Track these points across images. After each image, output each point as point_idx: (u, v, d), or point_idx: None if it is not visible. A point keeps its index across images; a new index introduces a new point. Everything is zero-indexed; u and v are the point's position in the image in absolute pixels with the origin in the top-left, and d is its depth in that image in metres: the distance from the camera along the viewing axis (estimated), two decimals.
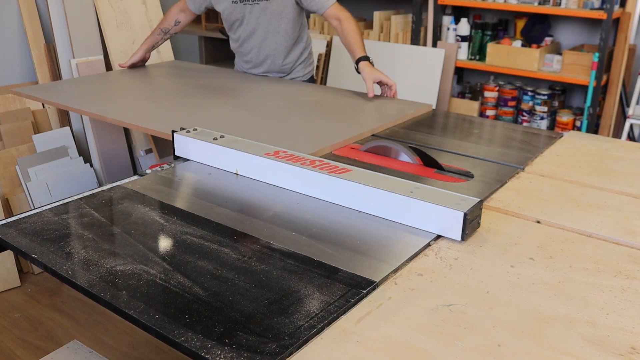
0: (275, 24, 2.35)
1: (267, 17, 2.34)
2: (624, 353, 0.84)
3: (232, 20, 2.39)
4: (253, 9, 2.33)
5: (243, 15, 2.35)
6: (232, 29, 2.45)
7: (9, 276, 2.70)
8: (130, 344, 2.32)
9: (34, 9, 3.07)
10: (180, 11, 2.56)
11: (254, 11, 2.33)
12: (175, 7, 2.57)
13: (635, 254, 1.13)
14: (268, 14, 2.33)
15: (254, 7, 2.33)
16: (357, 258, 1.10)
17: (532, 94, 3.50)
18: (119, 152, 3.29)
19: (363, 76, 2.17)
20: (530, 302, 0.97)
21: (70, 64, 3.11)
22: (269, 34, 2.38)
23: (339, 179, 1.29)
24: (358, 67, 2.20)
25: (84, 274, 1.04)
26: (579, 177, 1.50)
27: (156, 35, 2.62)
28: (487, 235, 1.19)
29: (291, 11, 2.34)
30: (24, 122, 2.96)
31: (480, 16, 3.74)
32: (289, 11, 2.34)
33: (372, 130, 1.81)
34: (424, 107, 2.10)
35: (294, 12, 2.35)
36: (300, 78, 2.53)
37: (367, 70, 2.16)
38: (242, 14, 2.35)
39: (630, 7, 3.16)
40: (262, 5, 2.32)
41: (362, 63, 2.18)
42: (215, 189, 1.43)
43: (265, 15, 2.33)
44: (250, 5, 2.32)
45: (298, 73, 2.52)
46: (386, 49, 3.60)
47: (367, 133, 1.79)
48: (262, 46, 2.42)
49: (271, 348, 0.84)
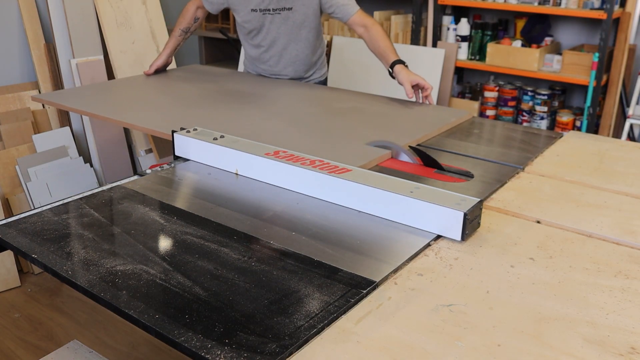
0: (297, 32, 2.32)
1: (289, 26, 2.30)
2: (624, 353, 0.84)
3: (249, 28, 2.34)
4: (274, 18, 2.29)
5: (262, 24, 2.31)
6: (249, 36, 2.39)
7: (9, 276, 2.70)
8: (130, 344, 2.32)
9: (34, 9, 3.07)
10: (197, 8, 2.50)
11: (275, 20, 2.29)
12: (191, 4, 2.50)
13: (635, 254, 1.13)
14: (290, 23, 2.30)
15: (275, 17, 2.29)
16: (357, 258, 1.10)
17: (532, 94, 3.49)
18: (119, 152, 3.29)
19: (400, 79, 2.11)
20: (530, 302, 0.97)
21: (70, 64, 3.11)
22: (291, 42, 2.34)
23: (339, 179, 1.29)
24: (393, 71, 2.15)
25: (84, 274, 1.04)
26: (579, 177, 1.49)
27: (177, 37, 2.54)
28: (487, 235, 1.19)
29: (313, 19, 2.31)
30: (24, 122, 2.96)
31: (480, 16, 3.74)
32: (311, 19, 2.31)
33: (416, 140, 1.73)
34: (465, 114, 2.01)
35: (316, 20, 2.33)
36: (316, 80, 2.50)
37: (404, 73, 2.11)
38: (262, 23, 2.31)
39: (630, 7, 3.16)
40: (284, 14, 2.28)
41: (397, 66, 2.13)
42: (215, 189, 1.43)
43: (287, 24, 2.30)
44: (271, 14, 2.28)
45: (315, 75, 2.49)
46: None
47: (413, 143, 1.71)
48: (282, 54, 2.38)
49: (271, 348, 0.84)
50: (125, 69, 3.27)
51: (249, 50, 2.46)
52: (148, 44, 3.39)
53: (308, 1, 2.27)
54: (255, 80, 2.45)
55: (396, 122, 1.94)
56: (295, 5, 2.27)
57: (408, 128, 1.86)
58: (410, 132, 1.80)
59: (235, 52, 4.13)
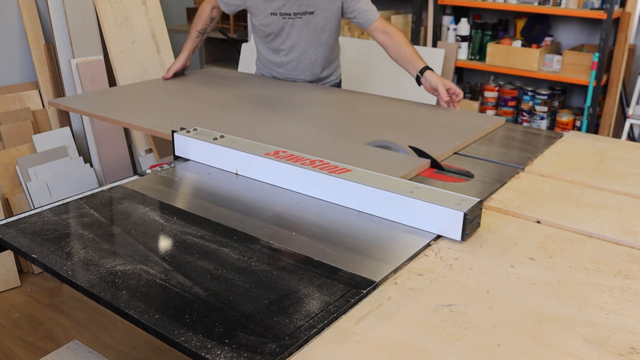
0: (317, 36, 2.28)
1: (310, 31, 2.26)
2: (624, 353, 0.84)
3: (268, 31, 2.29)
4: (294, 22, 2.24)
5: (281, 28, 2.26)
6: (266, 40, 2.34)
7: (9, 276, 2.70)
8: (130, 344, 2.32)
9: (34, 9, 3.07)
10: (212, 8, 2.44)
11: (295, 25, 2.25)
12: (206, 4, 2.45)
13: (635, 254, 1.13)
14: (311, 28, 2.25)
15: (295, 21, 2.24)
16: (357, 258, 1.10)
17: (532, 94, 3.50)
18: (119, 152, 3.29)
19: (433, 83, 2.08)
20: (530, 302, 0.97)
21: (70, 64, 3.11)
22: (310, 47, 2.30)
23: (339, 179, 1.29)
24: (422, 77, 2.12)
25: (84, 274, 1.04)
26: (579, 177, 1.49)
27: (195, 39, 2.48)
28: (487, 235, 1.19)
29: (334, 24, 2.28)
30: (24, 122, 2.96)
31: (480, 16, 3.74)
32: (332, 24, 2.27)
33: (454, 149, 1.67)
34: (498, 120, 1.96)
35: (337, 24, 2.30)
36: (332, 82, 2.47)
37: (436, 77, 2.09)
38: (281, 27, 2.26)
39: (630, 7, 3.16)
40: (305, 18, 2.23)
41: (428, 72, 2.11)
42: (215, 189, 1.43)
43: (308, 28, 2.26)
44: (292, 19, 2.24)
45: (332, 77, 2.46)
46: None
47: (450, 152, 1.65)
48: (301, 59, 2.34)
49: (271, 348, 0.84)
50: (126, 69, 3.27)
51: (265, 53, 2.41)
52: (148, 44, 3.39)
53: (330, 5, 2.23)
54: (277, 85, 2.38)
55: (431, 130, 1.86)
56: (317, 9, 2.23)
57: (444, 135, 1.79)
58: (447, 140, 1.73)
59: (236, 52, 4.13)
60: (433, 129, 1.88)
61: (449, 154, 1.65)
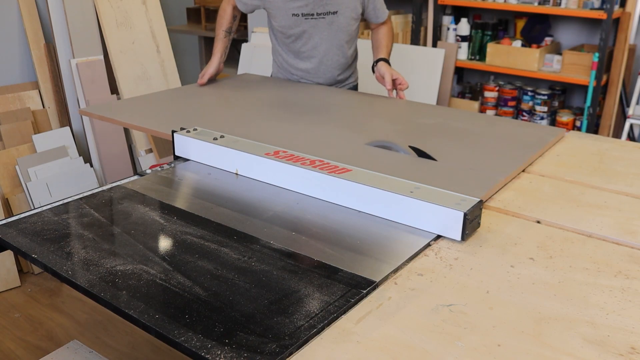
0: (339, 37, 2.24)
1: (333, 31, 2.22)
2: (624, 353, 0.84)
3: (289, 33, 2.23)
4: (317, 23, 2.19)
5: (304, 30, 2.20)
6: (287, 41, 2.27)
7: (9, 276, 2.70)
8: (130, 344, 2.32)
9: (34, 9, 3.07)
10: (232, 7, 2.38)
11: (318, 25, 2.19)
12: (226, 4, 2.38)
13: (635, 254, 1.13)
14: (335, 28, 2.21)
15: (318, 21, 2.19)
16: (357, 258, 1.10)
17: (532, 94, 3.49)
18: (119, 152, 3.29)
19: (381, 71, 2.18)
20: (530, 302, 0.97)
21: (70, 64, 3.11)
22: (332, 47, 2.25)
23: (339, 179, 1.29)
24: (376, 66, 2.21)
25: (84, 274, 1.04)
26: (579, 177, 1.49)
27: (223, 39, 2.38)
28: (487, 235, 1.19)
29: (355, 23, 2.26)
30: (24, 122, 2.96)
31: (480, 16, 3.74)
32: (353, 23, 2.25)
33: (523, 166, 1.55)
34: (559, 132, 1.81)
35: (357, 23, 2.28)
36: (350, 85, 2.43)
37: (386, 67, 2.19)
38: (304, 28, 2.20)
39: (630, 7, 3.16)
40: (329, 19, 2.19)
41: (381, 62, 2.21)
42: (215, 189, 1.43)
43: (332, 29, 2.21)
44: (315, 19, 2.18)
45: (349, 80, 2.42)
46: None
47: (520, 169, 1.53)
48: (322, 60, 2.28)
49: (271, 348, 0.84)
50: (126, 69, 3.27)
51: (285, 55, 2.33)
52: (148, 44, 3.39)
53: (352, 3, 2.20)
54: (309, 90, 2.26)
55: (495, 144, 1.70)
56: (340, 8, 2.18)
57: (510, 150, 1.64)
58: (515, 155, 1.59)
59: (236, 52, 4.13)
60: (497, 142, 1.72)
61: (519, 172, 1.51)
